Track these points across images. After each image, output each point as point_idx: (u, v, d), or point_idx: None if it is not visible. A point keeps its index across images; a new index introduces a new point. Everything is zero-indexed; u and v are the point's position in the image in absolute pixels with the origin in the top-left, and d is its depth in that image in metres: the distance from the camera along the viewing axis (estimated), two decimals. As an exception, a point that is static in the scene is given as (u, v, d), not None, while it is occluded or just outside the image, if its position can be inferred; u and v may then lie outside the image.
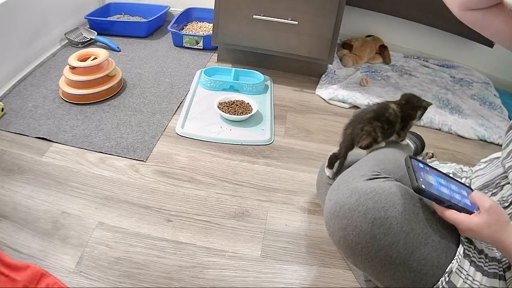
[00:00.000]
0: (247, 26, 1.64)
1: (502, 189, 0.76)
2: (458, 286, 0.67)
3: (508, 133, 0.76)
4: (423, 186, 0.64)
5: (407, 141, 1.08)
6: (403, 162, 0.85)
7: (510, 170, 0.74)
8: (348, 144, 0.95)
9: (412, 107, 0.98)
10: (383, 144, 0.96)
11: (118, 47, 1.86)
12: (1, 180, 1.11)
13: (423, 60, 2.06)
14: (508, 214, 0.71)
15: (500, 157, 0.81)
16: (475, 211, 0.66)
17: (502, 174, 0.78)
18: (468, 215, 0.65)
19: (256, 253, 1.00)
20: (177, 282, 0.91)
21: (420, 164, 0.70)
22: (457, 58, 2.09)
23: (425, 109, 0.99)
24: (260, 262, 0.98)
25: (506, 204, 0.73)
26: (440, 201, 0.66)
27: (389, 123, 0.94)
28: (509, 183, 0.72)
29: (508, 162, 0.75)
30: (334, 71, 1.84)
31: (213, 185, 1.18)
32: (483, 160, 0.92)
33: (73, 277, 0.89)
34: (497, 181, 0.78)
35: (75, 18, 1.95)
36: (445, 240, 0.69)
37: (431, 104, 1.00)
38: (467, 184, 0.73)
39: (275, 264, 0.98)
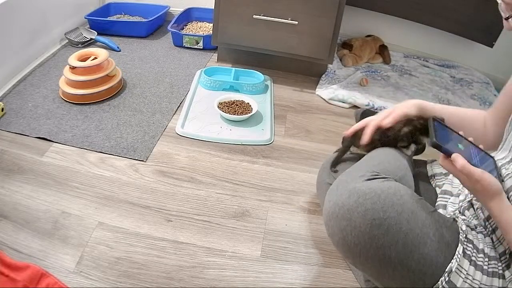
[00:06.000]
0: (247, 26, 1.64)
1: None
2: (458, 285, 0.68)
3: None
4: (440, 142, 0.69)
5: None
6: (403, 162, 0.86)
7: (504, 168, 0.74)
8: (349, 144, 0.97)
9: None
10: None
11: (118, 47, 1.86)
12: (1, 180, 1.12)
13: (423, 60, 2.06)
14: None
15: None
16: None
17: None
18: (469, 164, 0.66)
19: (256, 253, 1.00)
20: (177, 282, 0.91)
21: (442, 125, 0.76)
22: (457, 58, 2.08)
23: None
24: (260, 262, 0.98)
25: None
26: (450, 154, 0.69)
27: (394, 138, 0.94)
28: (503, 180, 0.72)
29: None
30: (334, 71, 1.84)
31: (213, 185, 1.18)
32: None
33: (73, 277, 0.89)
34: None
35: (75, 18, 1.96)
36: (444, 240, 0.70)
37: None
38: (487, 152, 0.74)
39: (275, 264, 0.98)
